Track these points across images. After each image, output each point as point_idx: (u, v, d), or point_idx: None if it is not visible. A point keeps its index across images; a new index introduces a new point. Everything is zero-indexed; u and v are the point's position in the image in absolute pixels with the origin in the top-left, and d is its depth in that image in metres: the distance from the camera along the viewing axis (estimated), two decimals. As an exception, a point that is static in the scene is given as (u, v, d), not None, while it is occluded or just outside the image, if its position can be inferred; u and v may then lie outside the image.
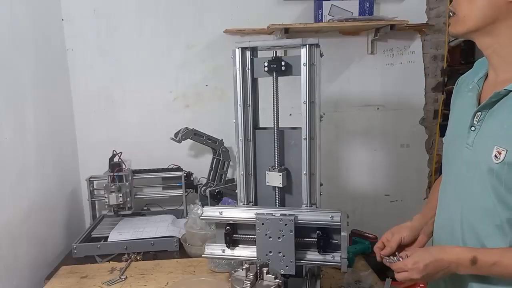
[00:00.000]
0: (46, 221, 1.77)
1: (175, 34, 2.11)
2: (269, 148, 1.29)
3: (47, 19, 1.93)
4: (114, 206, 1.91)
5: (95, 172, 2.04)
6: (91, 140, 2.14)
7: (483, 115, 0.94)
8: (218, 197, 1.95)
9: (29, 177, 1.66)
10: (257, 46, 1.25)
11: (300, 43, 1.18)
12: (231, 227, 1.25)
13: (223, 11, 2.11)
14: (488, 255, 0.89)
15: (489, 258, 0.89)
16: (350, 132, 2.29)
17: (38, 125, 1.74)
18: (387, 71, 2.23)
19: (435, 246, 1.00)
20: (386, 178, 2.33)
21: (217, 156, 2.06)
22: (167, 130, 2.06)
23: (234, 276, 1.08)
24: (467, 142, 0.97)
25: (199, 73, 2.16)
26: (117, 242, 1.70)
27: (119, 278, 1.47)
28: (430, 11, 2.20)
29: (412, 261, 0.94)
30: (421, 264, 0.92)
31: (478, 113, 0.96)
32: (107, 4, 2.06)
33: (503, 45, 0.93)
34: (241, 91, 1.26)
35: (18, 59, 1.62)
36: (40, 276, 1.61)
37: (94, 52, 2.09)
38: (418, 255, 0.95)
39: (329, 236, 1.18)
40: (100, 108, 2.14)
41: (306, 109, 1.21)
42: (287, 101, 1.42)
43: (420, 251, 0.98)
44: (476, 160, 0.94)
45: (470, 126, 0.97)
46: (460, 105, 1.07)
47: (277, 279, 1.04)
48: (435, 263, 0.92)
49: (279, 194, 1.30)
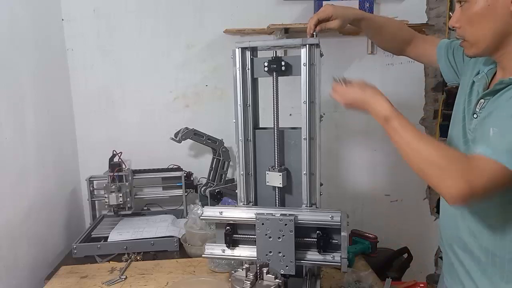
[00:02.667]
0: (46, 221, 1.77)
1: (175, 34, 2.11)
2: (269, 148, 1.29)
3: (47, 19, 1.93)
4: (114, 206, 1.91)
5: (95, 172, 2.04)
6: (91, 140, 2.14)
7: (485, 103, 0.97)
8: (218, 197, 1.95)
9: (29, 177, 1.66)
10: (257, 46, 1.25)
11: (300, 43, 1.18)
12: (231, 227, 1.25)
13: (223, 11, 2.11)
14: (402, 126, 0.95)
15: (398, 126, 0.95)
16: (350, 132, 2.29)
17: (38, 125, 1.74)
18: (387, 71, 2.23)
19: (372, 89, 1.03)
20: (386, 178, 2.33)
21: (217, 156, 2.06)
22: (167, 130, 2.06)
23: (234, 276, 1.08)
24: (469, 128, 1.01)
25: (199, 73, 2.16)
26: (117, 242, 1.70)
27: (119, 278, 1.47)
28: (430, 11, 2.20)
29: (345, 90, 1.05)
30: (350, 96, 1.05)
31: (481, 101, 0.98)
32: (107, 4, 2.06)
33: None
34: (241, 91, 1.26)
35: (18, 59, 1.62)
36: (40, 276, 1.61)
37: (94, 52, 2.09)
38: (353, 88, 1.04)
39: (329, 236, 1.18)
40: (100, 108, 2.14)
41: (306, 109, 1.21)
42: (287, 101, 1.42)
43: (358, 87, 1.04)
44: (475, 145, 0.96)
45: (473, 113, 1.00)
46: (464, 90, 1.08)
47: (277, 279, 1.04)
48: (361, 102, 1.03)
49: (279, 194, 1.30)
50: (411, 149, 0.93)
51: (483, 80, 1.01)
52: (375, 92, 1.02)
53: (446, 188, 0.87)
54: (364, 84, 1.05)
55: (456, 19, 0.98)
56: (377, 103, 1.00)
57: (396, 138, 0.96)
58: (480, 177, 0.84)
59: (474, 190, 0.85)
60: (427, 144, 0.91)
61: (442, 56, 1.21)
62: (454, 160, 0.88)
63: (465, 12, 0.95)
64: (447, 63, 1.20)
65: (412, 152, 0.92)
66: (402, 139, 0.95)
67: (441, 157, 0.88)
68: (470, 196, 0.85)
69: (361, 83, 1.06)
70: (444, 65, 1.21)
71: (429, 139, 0.93)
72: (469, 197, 0.86)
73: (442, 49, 1.21)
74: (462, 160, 0.87)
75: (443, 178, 0.86)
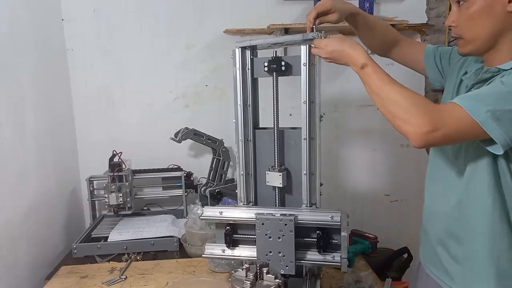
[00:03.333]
0: (46, 221, 1.77)
1: (175, 34, 2.11)
2: (269, 148, 1.29)
3: (47, 19, 1.93)
4: (114, 206, 1.91)
5: (95, 172, 2.04)
6: (91, 140, 2.14)
7: None
8: (218, 197, 1.95)
9: (29, 177, 1.66)
10: (257, 44, 1.25)
11: (300, 38, 1.18)
12: (231, 227, 1.25)
13: (223, 11, 2.11)
14: (376, 73, 1.01)
15: (372, 72, 1.01)
16: (350, 132, 2.29)
17: (38, 125, 1.74)
18: (387, 71, 2.18)
19: (350, 40, 1.07)
20: (386, 178, 2.33)
21: (217, 156, 2.06)
22: (167, 130, 2.06)
23: (234, 276, 1.08)
24: None
25: (199, 73, 2.16)
26: (117, 242, 1.70)
27: (119, 278, 1.47)
28: (430, 11, 2.20)
29: (325, 43, 1.09)
30: (329, 48, 1.08)
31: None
32: (107, 4, 2.06)
33: (503, 56, 0.99)
34: (241, 91, 1.26)
35: (18, 59, 1.62)
36: (40, 276, 1.61)
37: (94, 52, 2.09)
38: (333, 40, 1.09)
39: (329, 236, 1.18)
40: (100, 108, 2.14)
41: (306, 109, 1.20)
42: (287, 101, 1.42)
43: (337, 39, 1.09)
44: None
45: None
46: (451, 89, 1.13)
47: (277, 279, 1.05)
48: (340, 52, 1.07)
49: (279, 194, 1.30)
50: (382, 91, 0.98)
51: (471, 78, 1.05)
52: (353, 43, 1.06)
53: (410, 127, 0.91)
54: (342, 36, 1.10)
55: (453, 18, 1.02)
56: (354, 52, 1.04)
57: (369, 83, 1.01)
58: (443, 118, 0.90)
59: (436, 130, 0.89)
60: (397, 88, 0.96)
61: (429, 60, 1.26)
62: (421, 103, 0.93)
63: (464, 11, 0.99)
64: (434, 66, 1.25)
65: (382, 94, 0.98)
66: (374, 83, 1.00)
67: (409, 99, 0.93)
68: (433, 136, 0.90)
69: (340, 36, 1.10)
70: (431, 69, 1.26)
71: (400, 86, 0.98)
72: (432, 138, 0.90)
73: (429, 53, 1.26)
74: (428, 103, 0.93)
75: (408, 118, 0.92)
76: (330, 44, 1.09)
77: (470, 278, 1.04)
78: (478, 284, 1.03)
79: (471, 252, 1.04)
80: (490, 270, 1.01)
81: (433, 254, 1.14)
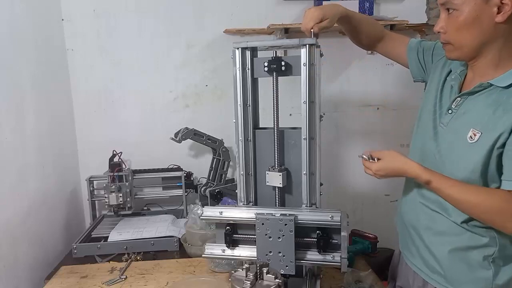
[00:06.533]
0: (46, 221, 1.77)
1: (175, 34, 2.11)
2: (269, 148, 1.29)
3: (47, 19, 1.93)
4: (114, 206, 1.92)
5: (95, 172, 2.04)
6: (91, 140, 2.15)
7: (462, 101, 1.07)
8: (218, 197, 1.95)
9: (29, 177, 1.66)
10: (255, 46, 1.25)
11: (298, 43, 1.18)
12: (231, 227, 1.25)
13: (223, 11, 2.11)
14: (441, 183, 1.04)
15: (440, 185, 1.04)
16: (350, 132, 2.29)
17: (38, 125, 1.74)
18: (387, 71, 2.23)
19: (401, 158, 1.10)
20: (386, 178, 2.32)
21: (217, 156, 2.06)
22: (167, 130, 2.06)
23: (234, 276, 1.08)
24: (441, 122, 1.11)
25: (199, 73, 2.16)
26: (117, 242, 1.70)
27: (119, 278, 1.47)
28: (430, 11, 2.20)
29: (376, 168, 1.13)
30: (382, 173, 1.13)
31: (457, 99, 1.08)
32: (107, 4, 2.06)
33: (488, 63, 1.03)
34: (241, 91, 1.26)
35: (18, 59, 1.62)
36: (40, 276, 1.61)
37: (94, 52, 2.09)
38: (382, 165, 1.12)
39: (329, 236, 1.18)
40: (100, 108, 2.14)
41: (306, 109, 1.20)
42: (287, 101, 1.42)
43: (385, 162, 1.12)
44: (449, 138, 1.08)
45: (448, 109, 1.10)
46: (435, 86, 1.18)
47: (277, 279, 1.04)
48: (394, 173, 1.12)
49: (279, 194, 1.30)
50: (460, 203, 1.03)
51: (457, 80, 1.11)
52: (403, 161, 1.10)
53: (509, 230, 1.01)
54: (387, 154, 1.13)
55: (442, 25, 1.05)
56: (410, 170, 1.08)
57: (443, 196, 1.06)
58: None
59: None
60: (472, 194, 1.01)
61: (412, 54, 1.30)
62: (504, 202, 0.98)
63: (453, 20, 1.02)
64: (417, 61, 1.29)
65: (463, 206, 1.03)
66: (449, 198, 1.04)
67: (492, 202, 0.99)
68: None
69: (385, 155, 1.13)
70: (413, 63, 1.30)
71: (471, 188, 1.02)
72: None
73: (412, 47, 1.30)
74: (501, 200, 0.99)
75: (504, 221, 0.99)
76: (381, 168, 1.13)
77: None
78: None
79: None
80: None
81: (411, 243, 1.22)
